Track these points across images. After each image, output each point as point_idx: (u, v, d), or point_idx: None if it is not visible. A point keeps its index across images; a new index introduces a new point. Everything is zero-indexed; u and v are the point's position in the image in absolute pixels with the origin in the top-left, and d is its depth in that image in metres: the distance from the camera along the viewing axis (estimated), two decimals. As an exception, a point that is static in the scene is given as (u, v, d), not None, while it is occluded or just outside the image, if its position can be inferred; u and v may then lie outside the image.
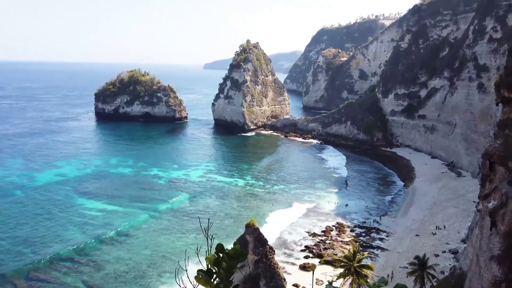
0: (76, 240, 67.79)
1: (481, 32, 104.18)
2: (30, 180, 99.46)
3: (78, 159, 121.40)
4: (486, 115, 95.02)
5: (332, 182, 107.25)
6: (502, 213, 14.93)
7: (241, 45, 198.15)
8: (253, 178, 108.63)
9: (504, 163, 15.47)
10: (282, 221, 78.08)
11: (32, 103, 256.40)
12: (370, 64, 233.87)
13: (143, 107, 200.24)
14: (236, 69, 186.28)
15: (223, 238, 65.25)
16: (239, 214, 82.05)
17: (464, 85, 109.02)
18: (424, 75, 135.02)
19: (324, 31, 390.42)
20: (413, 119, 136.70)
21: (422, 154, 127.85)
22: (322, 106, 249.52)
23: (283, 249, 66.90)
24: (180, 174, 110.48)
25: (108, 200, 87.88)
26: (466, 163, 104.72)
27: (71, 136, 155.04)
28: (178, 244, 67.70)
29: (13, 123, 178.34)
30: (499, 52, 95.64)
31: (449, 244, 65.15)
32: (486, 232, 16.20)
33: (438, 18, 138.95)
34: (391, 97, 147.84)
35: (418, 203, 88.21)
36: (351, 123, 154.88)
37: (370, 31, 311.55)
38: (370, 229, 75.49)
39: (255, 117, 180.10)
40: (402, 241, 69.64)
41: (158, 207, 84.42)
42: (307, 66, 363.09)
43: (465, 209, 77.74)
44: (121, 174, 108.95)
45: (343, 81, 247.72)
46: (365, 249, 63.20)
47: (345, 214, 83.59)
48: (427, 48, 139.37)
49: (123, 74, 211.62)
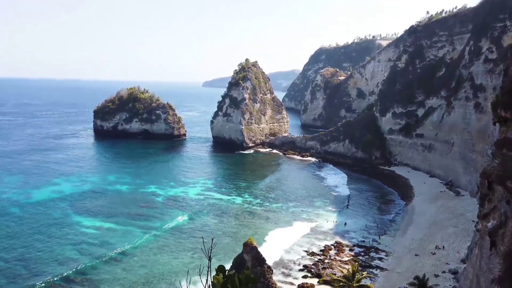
0: (72, 259, 66.83)
1: (477, 53, 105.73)
2: (27, 197, 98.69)
3: (76, 176, 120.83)
4: (483, 134, 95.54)
5: (331, 200, 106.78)
6: (502, 233, 14.86)
7: (240, 64, 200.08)
8: (251, 196, 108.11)
9: (502, 183, 15.49)
10: (280, 239, 77.26)
11: (31, 119, 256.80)
12: (367, 83, 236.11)
13: (142, 124, 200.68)
14: (235, 87, 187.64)
15: (221, 257, 64.48)
16: (237, 232, 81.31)
17: (461, 104, 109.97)
18: (421, 94, 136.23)
19: (322, 50, 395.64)
20: (411, 137, 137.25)
21: (421, 173, 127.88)
22: (320, 124, 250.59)
23: (281, 268, 66.04)
24: (178, 191, 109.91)
25: (105, 217, 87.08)
26: (464, 182, 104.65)
27: (69, 153, 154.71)
28: (174, 263, 66.83)
29: (12, 139, 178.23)
30: (495, 72, 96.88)
31: (448, 264, 64.53)
32: (485, 252, 16.09)
33: (434, 38, 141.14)
34: (388, 115, 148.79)
35: (417, 222, 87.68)
36: (349, 141, 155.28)
37: (368, 51, 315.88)
38: (369, 249, 74.76)
39: (253, 135, 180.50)
40: (401, 260, 68.92)
41: (155, 225, 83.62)
42: (305, 84, 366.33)
43: (464, 229, 77.28)
44: (119, 191, 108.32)
45: (341, 99, 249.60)
46: (364, 269, 62.44)
47: (344, 233, 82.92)
48: (424, 68, 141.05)
49: (123, 91, 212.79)
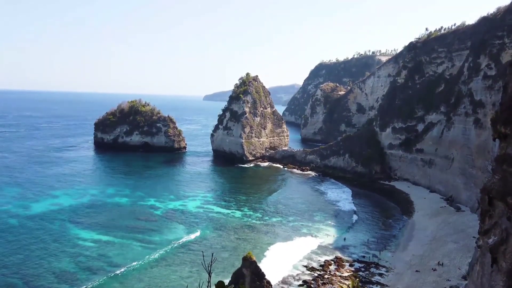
0: (70, 272, 66.19)
1: (476, 69, 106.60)
2: (25, 209, 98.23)
3: (75, 189, 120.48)
4: (483, 150, 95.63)
5: (331, 215, 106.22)
6: (503, 249, 14.80)
7: (241, 78, 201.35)
8: (251, 209, 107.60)
9: (503, 199, 15.49)
10: (280, 254, 76.61)
11: (32, 131, 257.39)
12: (367, 98, 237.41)
13: (143, 137, 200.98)
14: (236, 101, 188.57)
15: (220, 271, 63.92)
16: (236, 246, 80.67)
17: (460, 120, 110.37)
18: (421, 109, 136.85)
19: (322, 65, 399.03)
20: (410, 152, 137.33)
21: (421, 188, 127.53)
22: (320, 138, 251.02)
23: (281, 283, 65.31)
24: (177, 204, 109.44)
25: (103, 231, 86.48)
26: (465, 197, 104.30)
27: (69, 165, 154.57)
28: (173, 277, 66.16)
29: (12, 151, 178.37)
30: (494, 88, 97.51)
31: (450, 281, 63.85)
32: (487, 269, 15.99)
33: (433, 55, 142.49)
34: (388, 130, 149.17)
35: (418, 237, 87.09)
36: (349, 156, 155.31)
37: (367, 66, 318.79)
38: (370, 264, 74.08)
39: (253, 148, 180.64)
40: (402, 277, 68.21)
41: (154, 239, 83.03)
42: (305, 99, 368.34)
43: (465, 245, 76.74)
44: (118, 204, 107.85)
45: (341, 114, 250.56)
46: (364, 285, 61.83)
47: (343, 248, 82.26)
48: (423, 84, 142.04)
49: (124, 104, 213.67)
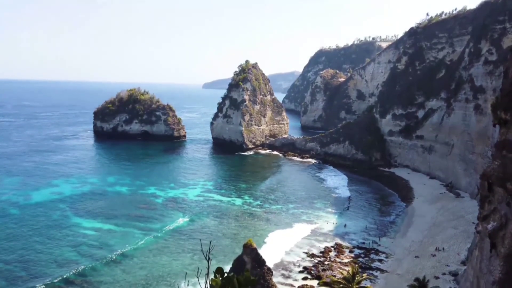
0: (72, 261, 66.71)
1: (477, 55, 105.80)
2: (26, 199, 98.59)
3: (76, 177, 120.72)
4: (483, 136, 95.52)
5: (331, 202, 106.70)
6: (502, 234, 14.83)
7: (240, 65, 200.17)
8: (251, 197, 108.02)
9: (502, 185, 15.46)
10: (280, 241, 77.15)
11: (31, 121, 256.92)
12: (367, 85, 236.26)
13: (142, 126, 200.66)
14: (235, 89, 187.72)
15: (221, 259, 64.41)
16: (236, 234, 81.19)
17: (461, 106, 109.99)
18: (421, 96, 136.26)
19: (322, 52, 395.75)
20: (410, 139, 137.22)
21: (421, 175, 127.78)
22: (320, 125, 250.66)
23: (281, 270, 65.92)
24: (177, 193, 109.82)
25: (105, 219, 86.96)
26: (464, 183, 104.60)
27: (69, 154, 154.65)
28: (174, 264, 66.70)
29: (12, 140, 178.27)
30: (494, 74, 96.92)
31: (449, 266, 64.46)
32: (486, 254, 16.05)
33: (434, 40, 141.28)
34: (388, 117, 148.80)
35: (417, 224, 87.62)
36: (349, 143, 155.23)
37: (367, 52, 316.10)
38: (369, 250, 74.67)
39: (253, 136, 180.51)
40: (401, 262, 68.84)
41: (155, 227, 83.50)
42: (305, 86, 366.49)
43: (465, 230, 77.23)
44: (118, 192, 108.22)
45: (341, 101, 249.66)
46: (364, 271, 62.38)
47: (343, 234, 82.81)
48: (424, 70, 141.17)
49: (123, 93, 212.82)
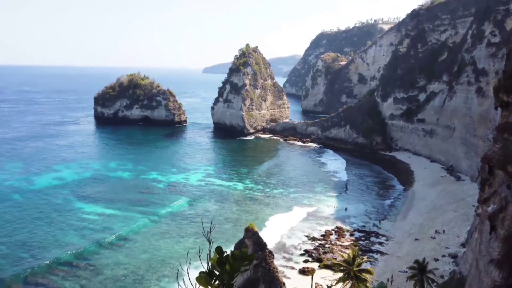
0: (75, 244, 67.57)
1: (480, 37, 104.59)
2: (28, 184, 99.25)
3: (77, 163, 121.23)
4: (485, 119, 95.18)
5: (332, 186, 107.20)
6: (502, 217, 14.92)
7: (241, 49, 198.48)
8: (252, 181, 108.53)
9: (503, 167, 15.48)
10: (281, 225, 77.92)
11: (31, 106, 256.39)
12: (369, 68, 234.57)
13: (143, 111, 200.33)
14: (235, 73, 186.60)
15: (222, 242, 65.05)
16: (238, 218, 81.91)
17: (463, 89, 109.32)
18: (423, 79, 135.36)
19: (323, 35, 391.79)
20: (412, 123, 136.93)
21: (421, 158, 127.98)
22: (321, 110, 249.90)
23: (282, 253, 66.73)
24: (179, 178, 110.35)
25: (107, 204, 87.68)
26: (465, 167, 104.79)
27: (70, 140, 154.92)
28: (177, 248, 67.53)
29: (12, 126, 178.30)
30: (497, 56, 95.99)
31: (448, 249, 65.08)
32: (485, 237, 16.19)
33: (437, 22, 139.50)
34: (390, 101, 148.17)
35: (418, 207, 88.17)
36: (350, 127, 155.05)
37: (369, 35, 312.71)
38: (370, 233, 75.41)
39: (254, 121, 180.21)
40: (401, 245, 69.55)
41: (157, 211, 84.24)
42: (306, 70, 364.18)
43: (465, 213, 77.72)
44: (120, 177, 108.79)
45: (342, 85, 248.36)
46: (364, 253, 63.05)
47: (344, 218, 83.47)
48: (426, 52, 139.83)
49: (123, 78, 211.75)
